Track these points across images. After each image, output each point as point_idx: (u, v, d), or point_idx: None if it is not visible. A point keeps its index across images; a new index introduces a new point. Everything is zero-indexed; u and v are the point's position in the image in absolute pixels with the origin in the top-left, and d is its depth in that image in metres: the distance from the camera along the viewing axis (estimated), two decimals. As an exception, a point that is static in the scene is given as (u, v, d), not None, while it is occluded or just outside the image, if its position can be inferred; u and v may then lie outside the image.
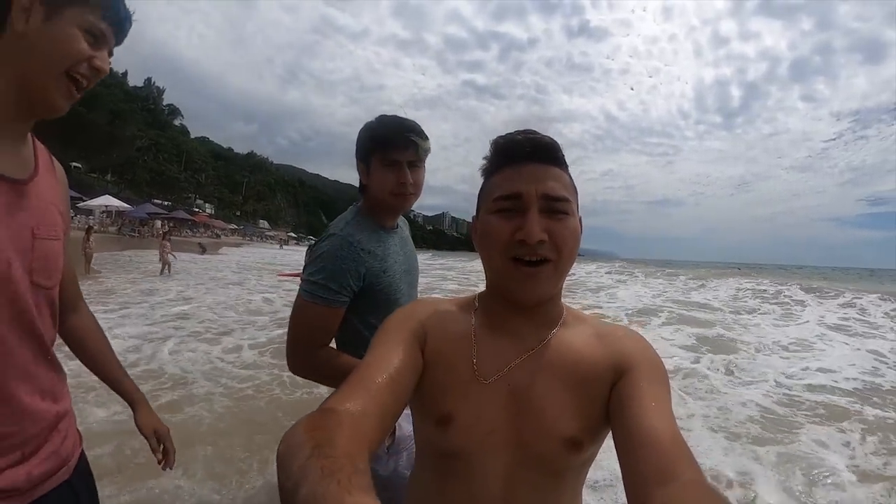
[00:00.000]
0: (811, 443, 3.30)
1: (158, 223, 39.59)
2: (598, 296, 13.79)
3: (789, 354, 6.18)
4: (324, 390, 2.13)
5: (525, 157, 0.64)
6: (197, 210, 65.70)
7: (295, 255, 30.30)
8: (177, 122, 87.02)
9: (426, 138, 1.21)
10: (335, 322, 1.13)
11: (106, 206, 31.01)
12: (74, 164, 42.54)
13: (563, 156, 0.67)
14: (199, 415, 3.27)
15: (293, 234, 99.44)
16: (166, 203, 51.68)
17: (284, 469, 0.41)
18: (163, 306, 7.67)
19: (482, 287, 0.75)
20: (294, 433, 0.44)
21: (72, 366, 0.98)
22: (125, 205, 33.70)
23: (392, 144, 1.17)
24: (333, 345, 1.20)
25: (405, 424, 1.17)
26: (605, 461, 2.26)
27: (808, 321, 9.17)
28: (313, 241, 1.27)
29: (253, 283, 12.87)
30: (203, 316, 6.99)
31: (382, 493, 0.42)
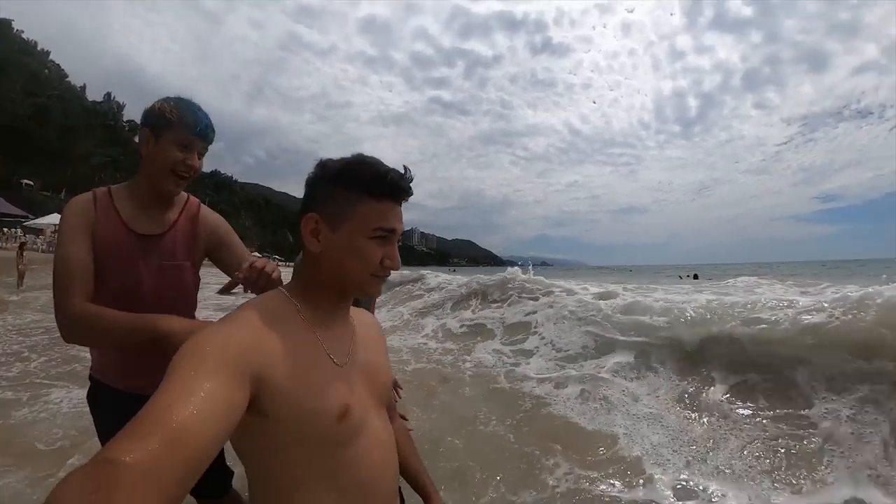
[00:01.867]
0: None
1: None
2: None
3: None
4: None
5: (401, 197, 0.77)
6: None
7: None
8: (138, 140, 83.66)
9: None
10: None
11: (56, 225, 29.76)
12: (26, 181, 40.49)
13: None
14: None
15: (258, 254, 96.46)
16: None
17: None
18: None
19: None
20: (63, 496, 0.37)
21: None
22: (82, 224, 32.61)
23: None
24: None
25: None
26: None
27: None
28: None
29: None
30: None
31: None
